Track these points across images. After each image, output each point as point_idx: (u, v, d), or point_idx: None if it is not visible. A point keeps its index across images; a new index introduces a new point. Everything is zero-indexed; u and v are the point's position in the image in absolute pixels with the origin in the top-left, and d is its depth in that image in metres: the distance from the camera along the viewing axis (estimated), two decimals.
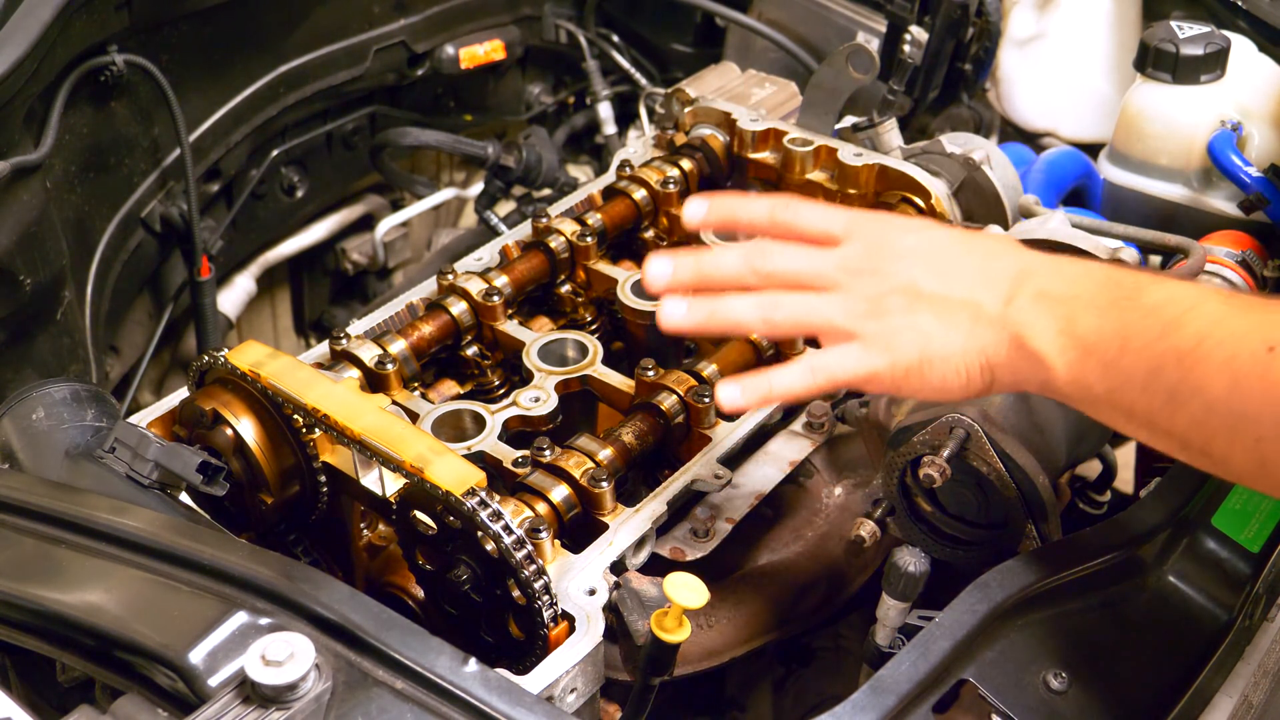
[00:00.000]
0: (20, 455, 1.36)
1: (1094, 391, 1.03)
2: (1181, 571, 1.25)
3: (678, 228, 1.91)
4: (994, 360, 1.09)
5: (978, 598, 1.16)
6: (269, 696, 0.97)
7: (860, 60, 1.91)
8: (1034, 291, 1.07)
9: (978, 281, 1.10)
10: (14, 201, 1.78)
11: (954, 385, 1.11)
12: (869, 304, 1.12)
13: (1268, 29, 2.00)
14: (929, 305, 1.10)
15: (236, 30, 2.29)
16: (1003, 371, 1.09)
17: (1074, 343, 1.04)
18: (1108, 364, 1.01)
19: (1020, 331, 1.07)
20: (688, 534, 1.38)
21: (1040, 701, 1.12)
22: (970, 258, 1.13)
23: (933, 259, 1.13)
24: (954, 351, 1.09)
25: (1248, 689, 1.18)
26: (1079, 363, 1.03)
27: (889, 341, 1.11)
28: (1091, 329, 1.03)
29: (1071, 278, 1.07)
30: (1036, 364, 1.06)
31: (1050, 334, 1.05)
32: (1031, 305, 1.07)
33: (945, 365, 1.10)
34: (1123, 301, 1.03)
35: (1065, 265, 1.10)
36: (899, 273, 1.12)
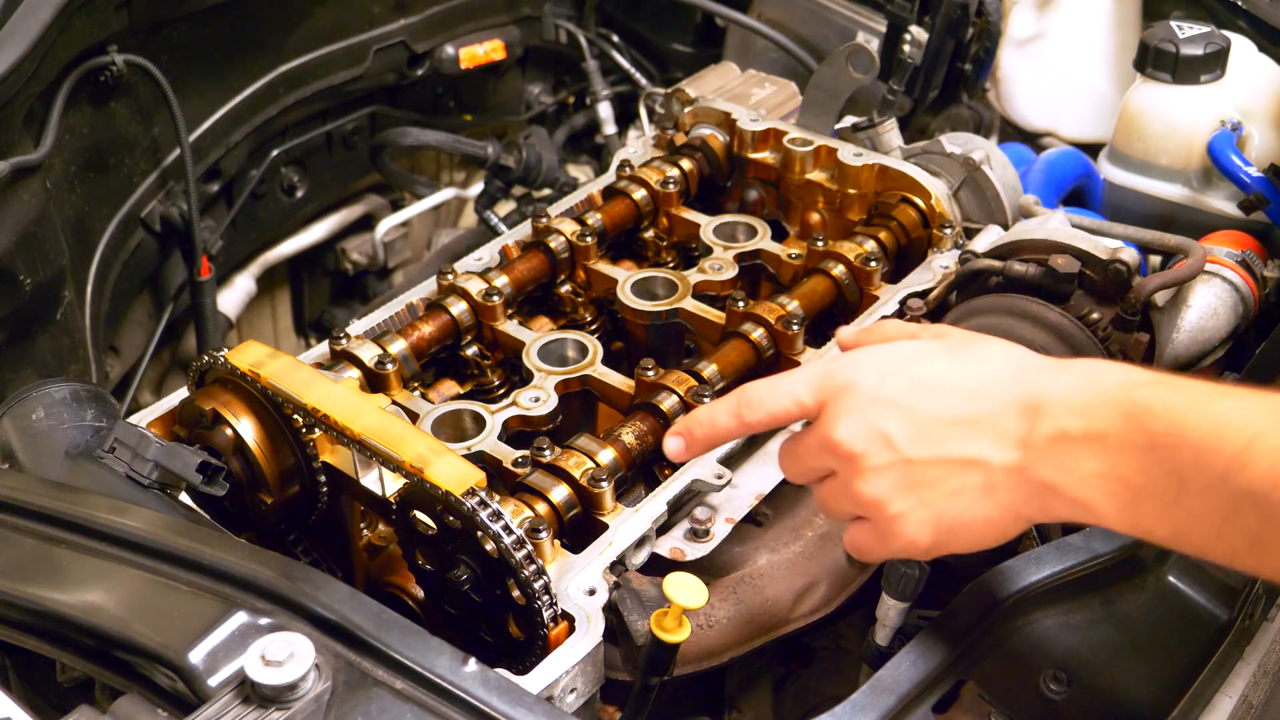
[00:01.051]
0: (20, 455, 1.36)
1: (1158, 535, 0.93)
2: (1181, 571, 1.24)
3: (678, 228, 1.91)
4: (1028, 512, 1.00)
5: (978, 598, 1.16)
6: (269, 696, 0.97)
7: (860, 60, 1.91)
8: (1051, 434, 0.96)
9: (976, 432, 1.00)
10: (14, 201, 1.78)
11: (987, 542, 1.03)
12: (861, 493, 1.04)
13: (1268, 29, 2.00)
14: (925, 476, 1.01)
15: (236, 30, 2.30)
16: (1041, 517, 1.00)
17: (1121, 488, 0.93)
18: (1166, 508, 0.91)
19: (1051, 482, 0.96)
20: (688, 534, 1.38)
21: (1040, 702, 1.12)
22: (958, 399, 1.01)
23: (914, 415, 1.02)
24: (974, 519, 1.01)
25: (1248, 689, 1.18)
26: (1132, 507, 0.93)
27: (897, 530, 1.03)
28: (1137, 472, 0.92)
29: (1087, 408, 0.95)
30: (1083, 510, 0.96)
31: (1089, 481, 0.94)
32: (1055, 453, 0.96)
33: (969, 532, 1.02)
34: (1163, 439, 0.91)
35: (1073, 390, 0.97)
36: (882, 445, 1.02)
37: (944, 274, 1.70)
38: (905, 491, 1.02)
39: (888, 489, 1.02)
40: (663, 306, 1.68)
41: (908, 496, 1.02)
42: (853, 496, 1.05)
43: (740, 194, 2.03)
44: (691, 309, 1.67)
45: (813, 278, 1.70)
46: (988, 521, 1.01)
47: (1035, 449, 0.97)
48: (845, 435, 1.04)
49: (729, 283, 1.73)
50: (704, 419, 1.15)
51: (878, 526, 1.05)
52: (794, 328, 1.56)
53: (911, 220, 1.80)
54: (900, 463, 1.02)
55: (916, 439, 1.01)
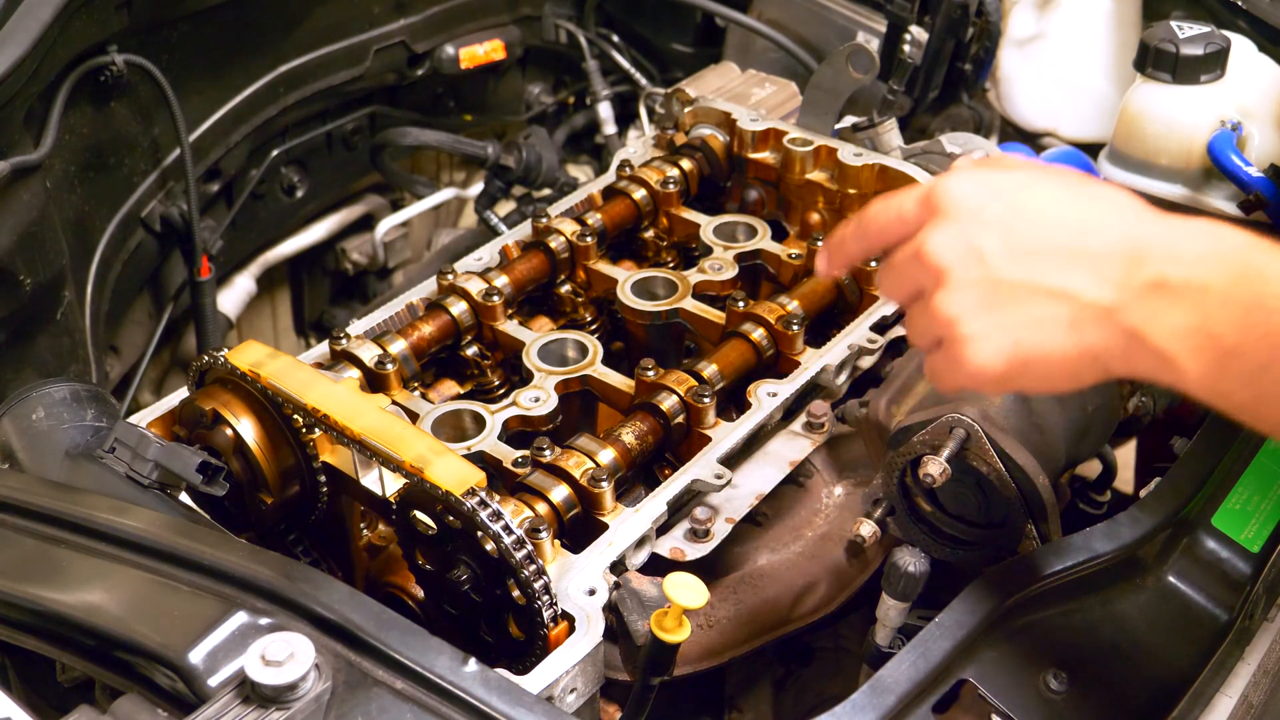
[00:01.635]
0: (20, 455, 1.36)
1: (1237, 399, 0.91)
2: (1181, 571, 1.25)
3: (678, 228, 1.91)
4: (1107, 358, 0.96)
5: (978, 598, 1.16)
6: (269, 696, 0.97)
7: (860, 60, 1.91)
8: (1151, 280, 0.93)
9: (1074, 264, 0.96)
10: (14, 201, 1.78)
11: (1060, 383, 0.99)
12: (940, 309, 1.00)
13: (1268, 29, 2.00)
14: (1010, 299, 0.98)
15: (236, 30, 2.30)
16: (1120, 366, 0.96)
17: (1209, 343, 0.90)
18: (1255, 371, 0.89)
19: (1138, 329, 0.93)
20: (688, 534, 1.38)
21: (1040, 701, 1.12)
22: (1063, 230, 0.98)
23: (1013, 236, 0.98)
24: (1052, 351, 0.97)
25: (1248, 689, 1.18)
26: (1217, 367, 0.91)
27: (970, 353, 0.99)
28: (1231, 329, 0.89)
29: (1195, 260, 0.92)
30: (1163, 363, 0.93)
31: (1178, 333, 0.92)
32: (1150, 298, 0.93)
33: (1043, 366, 0.98)
34: (1270, 300, 0.88)
35: (1184, 241, 0.94)
36: (973, 260, 0.99)
37: None
38: (986, 311, 0.98)
39: (968, 306, 0.99)
40: (663, 306, 1.68)
41: (987, 317, 0.98)
42: (933, 313, 1.01)
43: (740, 194, 2.03)
44: (691, 309, 1.67)
45: (813, 278, 1.70)
46: (1064, 358, 0.97)
47: (1130, 291, 0.94)
48: (937, 247, 1.00)
49: (729, 283, 1.73)
50: (835, 236, 1.14)
51: (952, 349, 1.01)
52: (794, 328, 1.56)
53: None
54: (988, 281, 0.98)
55: (1010, 259, 0.98)
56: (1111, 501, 1.82)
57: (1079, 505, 1.81)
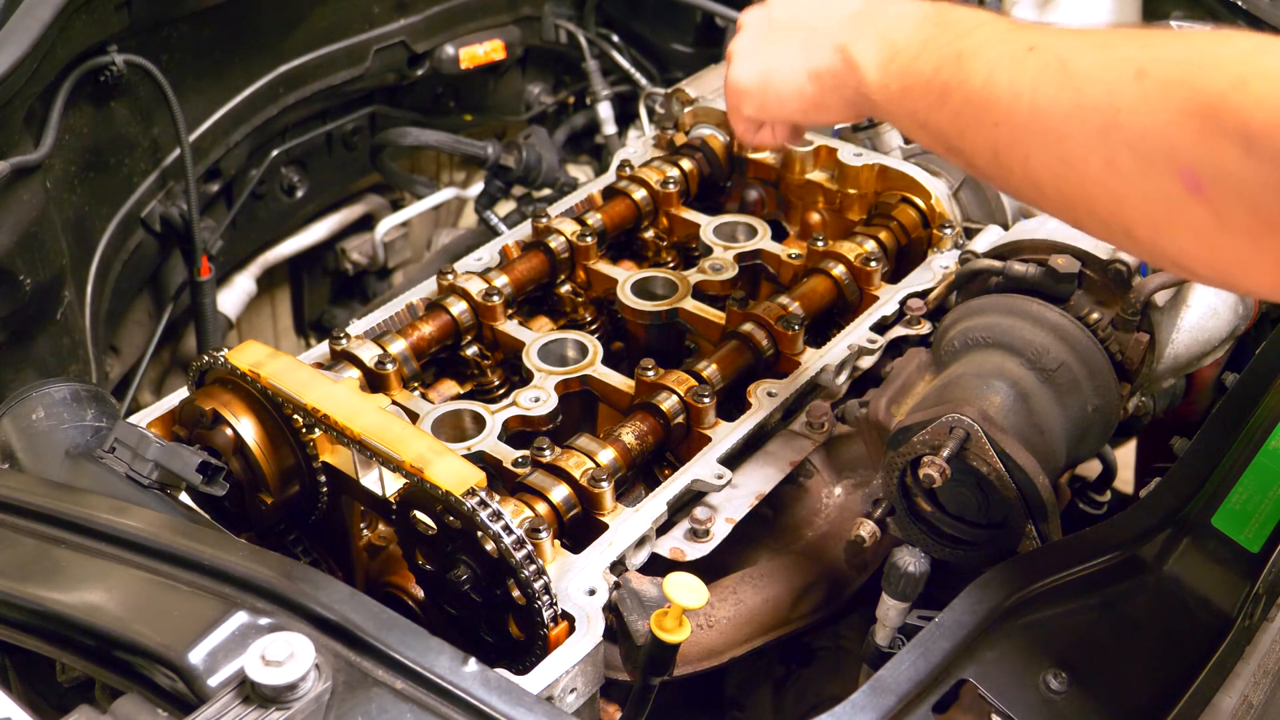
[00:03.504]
0: (20, 455, 1.36)
1: (891, 91, 1.14)
2: (1181, 572, 1.24)
3: (678, 228, 1.91)
4: (820, 71, 1.22)
5: (978, 598, 1.16)
6: (269, 696, 0.97)
7: None
8: (871, 10, 1.19)
9: (822, 11, 1.24)
10: (14, 201, 1.78)
11: (789, 96, 1.27)
12: (729, 47, 1.36)
13: (1268, 29, 2.00)
14: (773, 35, 1.29)
15: (236, 30, 2.30)
16: (829, 79, 1.21)
17: (886, 47, 1.15)
18: (906, 65, 1.12)
19: (845, 42, 1.19)
20: (688, 534, 1.38)
21: (1040, 701, 1.12)
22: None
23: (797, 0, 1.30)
24: (785, 68, 1.26)
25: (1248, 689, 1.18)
26: (887, 64, 1.14)
27: (743, 61, 1.33)
28: (904, 35, 1.13)
29: (903, 2, 1.18)
30: (854, 69, 1.17)
31: (869, 41, 1.16)
32: (862, 19, 1.19)
33: (781, 80, 1.27)
34: (935, 16, 1.13)
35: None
36: (760, 12, 1.33)
37: (944, 274, 1.70)
38: (754, 43, 1.32)
39: (744, 41, 1.34)
40: (663, 306, 1.68)
41: (754, 46, 1.32)
42: (745, 32, 1.35)
43: (740, 194, 2.03)
44: (691, 309, 1.67)
45: (813, 278, 1.70)
46: (791, 74, 1.25)
47: (850, 21, 1.20)
48: (747, 14, 1.36)
49: (729, 283, 1.73)
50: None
51: (727, 71, 1.35)
52: (794, 328, 1.56)
53: (911, 220, 1.80)
54: (766, 23, 1.32)
55: (787, 11, 1.30)
56: (1111, 501, 1.82)
57: (1079, 505, 1.81)
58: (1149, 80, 0.89)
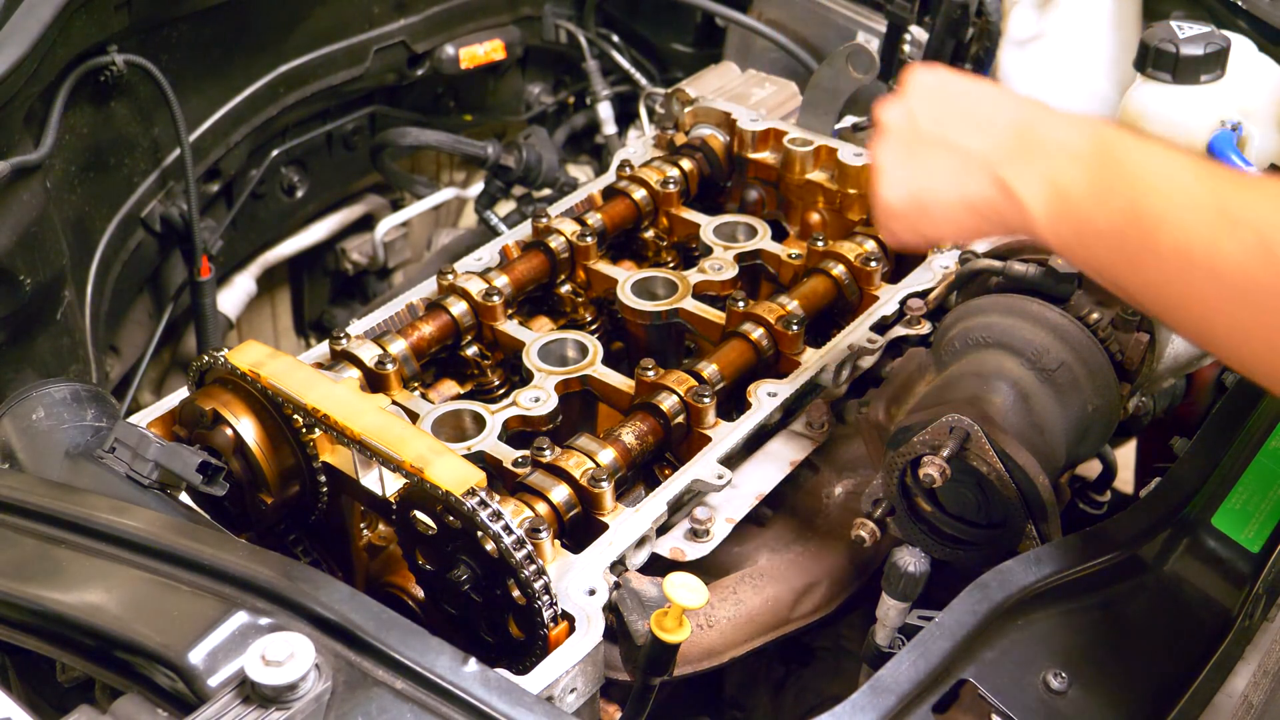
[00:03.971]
0: (20, 455, 1.36)
1: (1066, 240, 1.09)
2: (1181, 572, 1.24)
3: (678, 228, 1.91)
4: (979, 203, 1.15)
5: (978, 598, 1.16)
6: (269, 696, 0.97)
7: (860, 60, 1.91)
8: (1029, 140, 1.12)
9: (975, 129, 1.17)
10: (14, 201, 1.78)
11: (945, 224, 1.20)
12: (874, 152, 1.27)
13: (1268, 29, 2.00)
14: (922, 150, 1.20)
15: (236, 30, 2.30)
16: (989, 212, 1.15)
17: (1055, 192, 1.09)
18: (1078, 214, 1.07)
19: (1006, 177, 1.12)
20: (688, 534, 1.38)
21: (1040, 701, 1.12)
22: (978, 106, 1.19)
23: (942, 106, 1.21)
24: (940, 193, 1.18)
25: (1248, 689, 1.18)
26: (1056, 210, 1.09)
27: (892, 180, 1.23)
28: (1073, 180, 1.07)
29: (1067, 128, 1.11)
30: (1018, 209, 1.12)
31: (1034, 182, 1.10)
32: (1023, 152, 1.12)
33: (935, 207, 1.19)
34: (1108, 159, 1.07)
35: (1065, 121, 1.13)
36: (905, 120, 1.23)
37: (944, 274, 1.70)
38: (902, 156, 1.22)
39: (891, 153, 1.23)
40: (663, 306, 1.68)
41: (902, 160, 1.22)
42: (870, 158, 1.32)
43: (740, 194, 2.03)
44: (691, 309, 1.67)
45: (813, 278, 1.70)
46: (948, 201, 1.18)
47: (1009, 150, 1.13)
48: (886, 112, 1.26)
49: (729, 283, 1.73)
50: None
51: (873, 185, 1.25)
52: (794, 328, 1.56)
53: None
54: (911, 134, 1.22)
55: (931, 121, 1.21)
56: (1111, 501, 1.82)
57: (1079, 505, 1.81)
58: None
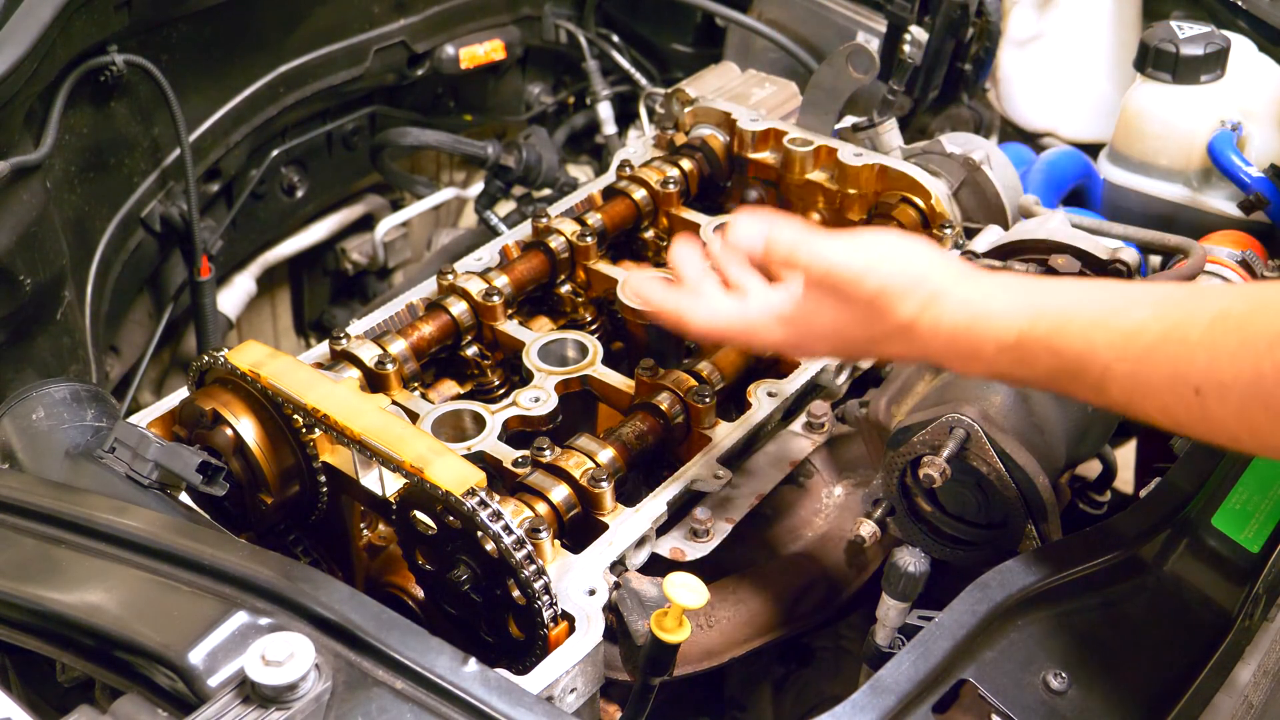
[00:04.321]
0: (20, 455, 1.36)
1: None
2: (1181, 572, 1.24)
3: (678, 228, 1.91)
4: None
5: (978, 598, 1.16)
6: (269, 696, 0.97)
7: (860, 60, 1.91)
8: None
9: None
10: (14, 201, 1.78)
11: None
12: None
13: (1268, 29, 2.00)
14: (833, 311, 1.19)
15: (236, 30, 2.29)
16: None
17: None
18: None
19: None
20: (688, 534, 1.38)
21: (1040, 701, 1.12)
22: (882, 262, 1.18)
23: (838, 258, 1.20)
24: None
25: (1248, 689, 1.18)
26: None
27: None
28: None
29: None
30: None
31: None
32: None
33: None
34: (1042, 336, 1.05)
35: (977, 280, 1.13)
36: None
37: None
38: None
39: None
40: None
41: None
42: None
43: (740, 194, 2.03)
44: None
45: None
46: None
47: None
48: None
49: None
50: None
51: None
52: None
53: (911, 220, 1.80)
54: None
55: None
56: (1111, 501, 1.82)
57: (1079, 505, 1.81)
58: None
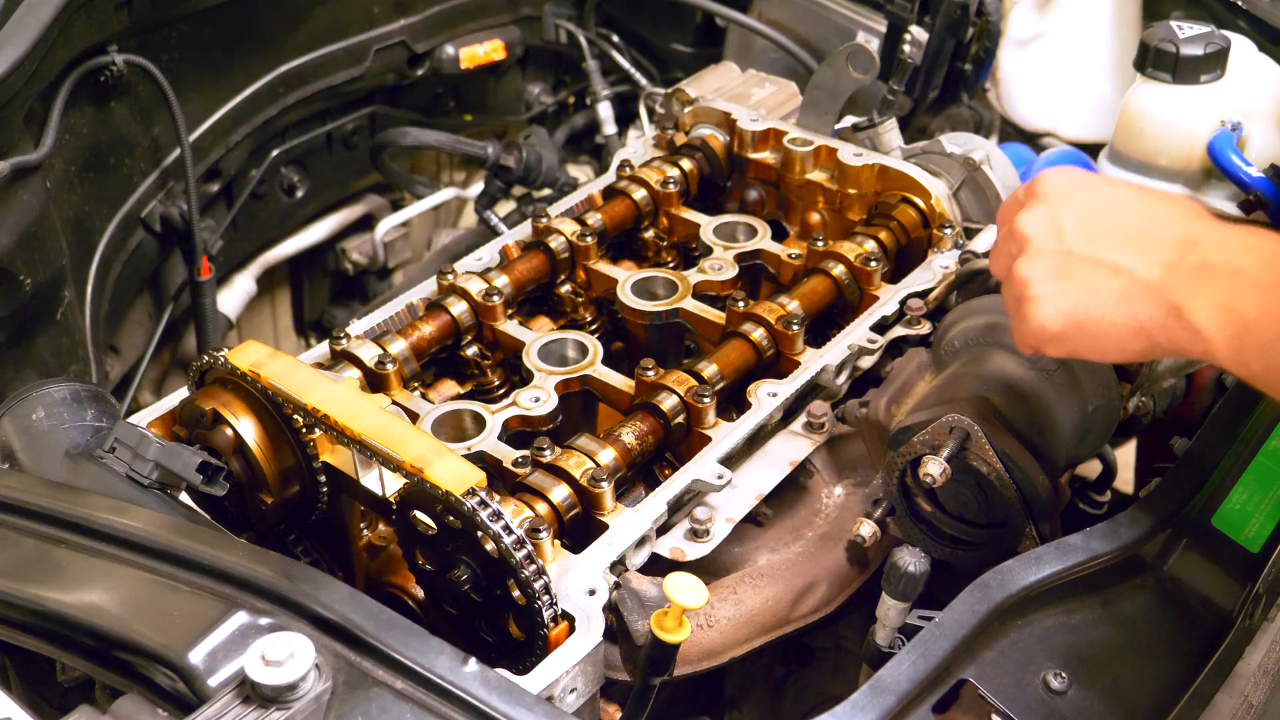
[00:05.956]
0: (20, 455, 1.36)
1: (1253, 370, 1.04)
2: (1181, 572, 1.25)
3: (678, 228, 1.91)
4: (1150, 328, 1.10)
5: (978, 598, 1.16)
6: (269, 696, 0.97)
7: (860, 60, 1.91)
8: (1197, 262, 1.07)
9: (1133, 247, 1.12)
10: (14, 201, 1.78)
11: (1110, 348, 1.14)
12: (1017, 271, 1.18)
13: (1268, 29, 2.00)
14: (1076, 270, 1.14)
15: (236, 30, 2.30)
16: (1160, 338, 1.10)
17: (1234, 318, 1.04)
18: (1267, 345, 1.02)
19: (1178, 302, 1.07)
20: (688, 534, 1.38)
21: (1040, 701, 1.12)
22: (1131, 219, 1.14)
23: (1090, 220, 1.16)
24: (1103, 318, 1.12)
25: (1248, 689, 1.18)
26: (1238, 339, 1.04)
27: (1034, 311, 1.16)
28: (1253, 306, 1.03)
29: (1237, 250, 1.06)
30: (1195, 336, 1.07)
31: (1210, 308, 1.05)
32: (1193, 276, 1.07)
33: (1094, 331, 1.13)
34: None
35: (1232, 236, 1.09)
36: (1052, 235, 1.17)
37: (944, 274, 1.70)
38: (1054, 278, 1.15)
39: (1041, 271, 1.16)
40: (663, 306, 1.68)
41: (1055, 283, 1.15)
42: (1013, 277, 1.19)
43: (740, 194, 2.03)
44: (691, 309, 1.67)
45: (813, 278, 1.70)
46: (1113, 325, 1.12)
47: (1177, 273, 1.08)
48: (1025, 221, 1.19)
49: (729, 283, 1.73)
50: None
51: (1022, 307, 1.18)
52: (794, 328, 1.56)
53: (911, 220, 1.80)
54: (1061, 253, 1.16)
55: (1082, 237, 1.15)
56: (1111, 501, 1.82)
57: (1079, 505, 1.81)
58: None
